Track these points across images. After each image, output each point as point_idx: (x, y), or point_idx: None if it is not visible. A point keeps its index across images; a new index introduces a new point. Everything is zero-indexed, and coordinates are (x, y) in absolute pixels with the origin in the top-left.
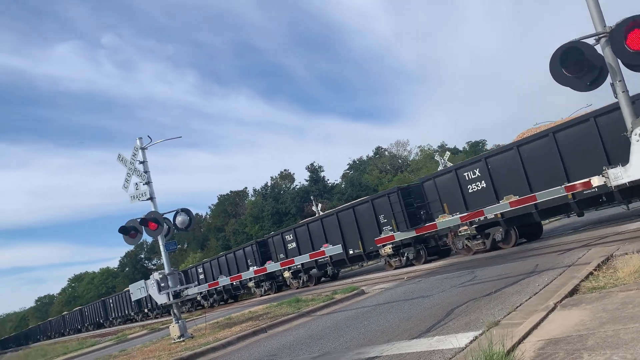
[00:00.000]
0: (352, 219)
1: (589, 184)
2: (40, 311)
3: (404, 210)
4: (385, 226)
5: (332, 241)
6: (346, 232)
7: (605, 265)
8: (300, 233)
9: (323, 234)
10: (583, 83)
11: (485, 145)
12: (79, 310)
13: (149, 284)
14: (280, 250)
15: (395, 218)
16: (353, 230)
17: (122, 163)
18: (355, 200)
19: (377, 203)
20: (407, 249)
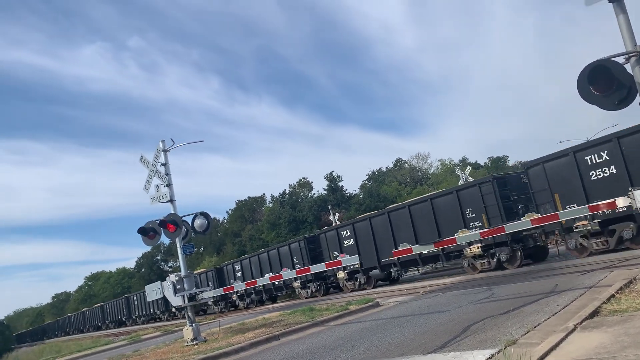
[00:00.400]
0: None
1: None
2: (56, 307)
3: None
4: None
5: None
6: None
7: (628, 288)
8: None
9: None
10: (611, 102)
11: (507, 161)
12: (99, 307)
13: (164, 286)
14: (334, 248)
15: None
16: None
17: (144, 165)
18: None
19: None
20: None
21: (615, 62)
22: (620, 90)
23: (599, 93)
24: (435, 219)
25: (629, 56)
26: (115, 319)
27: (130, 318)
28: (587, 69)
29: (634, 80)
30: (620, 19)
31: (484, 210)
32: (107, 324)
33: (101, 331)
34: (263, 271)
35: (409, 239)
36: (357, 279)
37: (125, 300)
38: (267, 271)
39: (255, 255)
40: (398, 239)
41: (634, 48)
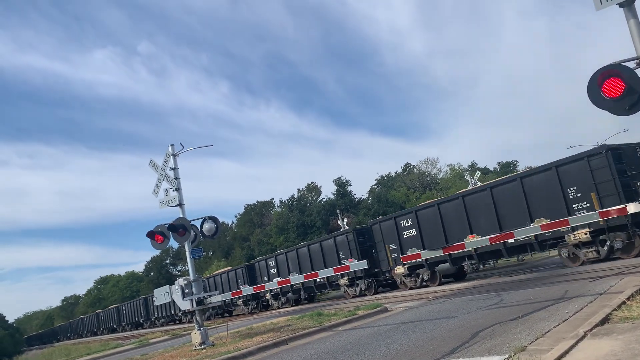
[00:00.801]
0: None
1: None
2: (65, 310)
3: None
4: None
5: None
6: None
7: (639, 294)
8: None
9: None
10: (622, 107)
11: (517, 166)
12: (115, 308)
13: (173, 290)
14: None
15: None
16: None
17: (154, 169)
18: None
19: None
20: None
21: (626, 67)
22: (631, 96)
23: (610, 98)
24: (527, 201)
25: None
26: (132, 320)
27: (149, 320)
28: (597, 73)
29: None
30: (631, 24)
31: (594, 188)
32: (123, 326)
33: (116, 334)
34: (302, 268)
35: (490, 226)
36: (419, 275)
37: (144, 301)
38: (307, 268)
39: (292, 250)
40: (475, 227)
41: None
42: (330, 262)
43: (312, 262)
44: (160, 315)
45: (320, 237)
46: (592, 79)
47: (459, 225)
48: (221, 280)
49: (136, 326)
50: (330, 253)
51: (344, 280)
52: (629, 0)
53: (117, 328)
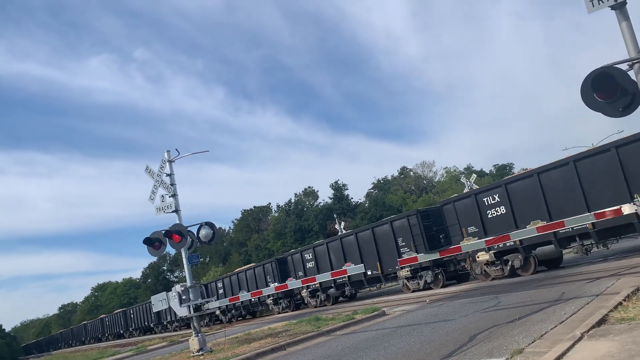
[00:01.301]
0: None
1: None
2: (63, 318)
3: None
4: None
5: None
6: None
7: (635, 295)
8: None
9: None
10: (615, 109)
11: (512, 169)
12: (122, 312)
13: (170, 296)
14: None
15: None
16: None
17: (150, 175)
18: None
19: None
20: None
21: (619, 69)
22: (624, 97)
23: (603, 100)
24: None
25: (632, 63)
26: (140, 325)
27: (160, 324)
28: (590, 76)
29: (637, 87)
30: (623, 26)
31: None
32: (131, 331)
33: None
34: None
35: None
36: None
37: None
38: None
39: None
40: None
41: (637, 55)
42: (386, 252)
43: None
44: (173, 318)
45: (372, 224)
46: (585, 81)
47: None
48: (246, 278)
49: (145, 331)
50: (385, 242)
51: (404, 272)
52: (620, 3)
53: (123, 333)
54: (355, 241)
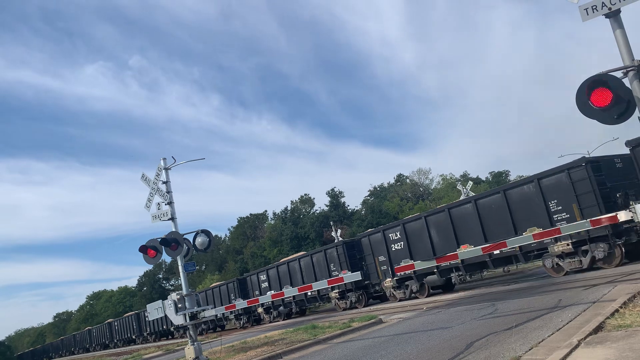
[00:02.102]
0: None
1: None
2: (57, 327)
3: None
4: None
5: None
6: None
7: (632, 302)
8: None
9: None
10: (610, 116)
11: (508, 176)
12: (134, 315)
13: (166, 305)
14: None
15: None
16: None
17: (146, 183)
18: None
19: None
20: None
21: (614, 77)
22: (619, 105)
23: (598, 107)
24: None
25: (626, 70)
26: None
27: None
28: (585, 83)
29: (632, 94)
30: (617, 34)
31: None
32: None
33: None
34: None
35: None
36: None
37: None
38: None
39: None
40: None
41: (632, 62)
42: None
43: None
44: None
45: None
46: (581, 88)
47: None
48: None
49: (160, 336)
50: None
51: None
52: (614, 12)
53: (135, 339)
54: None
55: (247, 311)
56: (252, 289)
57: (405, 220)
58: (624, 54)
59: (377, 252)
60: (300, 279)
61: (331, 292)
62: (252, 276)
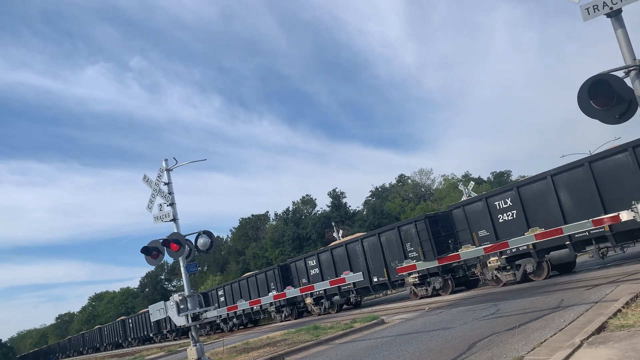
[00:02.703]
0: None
1: None
2: (60, 329)
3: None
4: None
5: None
6: (370, 260)
7: (635, 302)
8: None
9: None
10: (612, 116)
11: (510, 176)
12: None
13: (168, 306)
14: (303, 276)
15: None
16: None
17: (148, 184)
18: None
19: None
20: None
21: (615, 76)
22: (621, 104)
23: (600, 107)
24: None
25: (628, 70)
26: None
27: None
28: (587, 83)
29: (634, 94)
30: (619, 33)
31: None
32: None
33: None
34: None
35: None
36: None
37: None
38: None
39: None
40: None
41: (633, 62)
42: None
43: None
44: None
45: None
46: (582, 88)
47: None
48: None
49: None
50: (262, 285)
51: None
52: (616, 11)
53: (153, 337)
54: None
55: (290, 302)
56: (298, 277)
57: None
58: (625, 53)
59: (476, 227)
60: (364, 263)
61: (408, 277)
62: (298, 262)
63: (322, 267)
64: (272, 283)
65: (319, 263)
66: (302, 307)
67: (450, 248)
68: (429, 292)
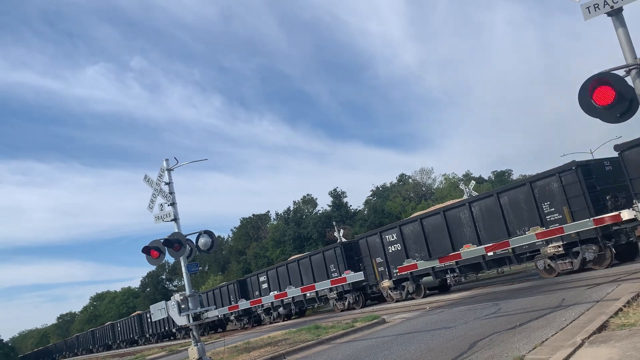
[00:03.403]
0: None
1: None
2: (61, 329)
3: None
4: None
5: None
6: None
7: (636, 301)
8: None
9: None
10: (613, 115)
11: (511, 175)
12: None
13: (169, 305)
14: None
15: None
16: None
17: (148, 184)
18: None
19: None
20: None
21: (616, 75)
22: (622, 103)
23: (601, 106)
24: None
25: (629, 69)
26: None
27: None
28: (588, 82)
29: (635, 93)
30: (620, 32)
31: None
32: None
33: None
34: (293, 282)
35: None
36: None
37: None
38: (297, 282)
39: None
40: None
41: (634, 61)
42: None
43: (301, 276)
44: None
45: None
46: (583, 87)
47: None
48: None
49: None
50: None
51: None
52: (616, 10)
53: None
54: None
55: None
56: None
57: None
58: (626, 52)
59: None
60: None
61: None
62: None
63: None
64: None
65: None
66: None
67: None
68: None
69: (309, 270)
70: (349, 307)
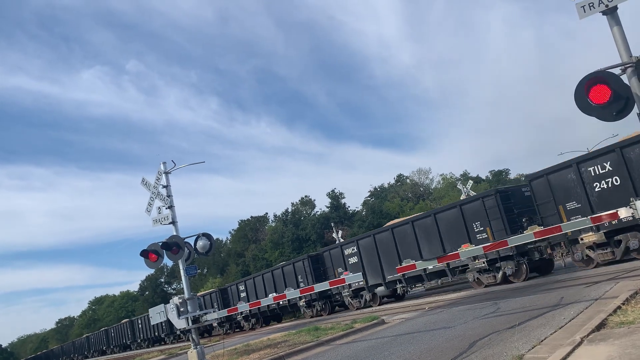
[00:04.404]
0: None
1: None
2: (60, 333)
3: None
4: None
5: None
6: None
7: (634, 299)
8: None
9: None
10: (609, 113)
11: (508, 175)
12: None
13: (168, 309)
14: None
15: None
16: None
17: (146, 187)
18: None
19: None
20: None
21: (612, 74)
22: (618, 102)
23: (597, 104)
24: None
25: (625, 67)
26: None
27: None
28: (584, 80)
29: (630, 91)
30: (615, 31)
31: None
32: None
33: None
34: (268, 291)
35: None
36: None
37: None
38: (271, 291)
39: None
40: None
41: (629, 59)
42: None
43: (275, 285)
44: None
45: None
46: (579, 86)
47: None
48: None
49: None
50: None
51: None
52: (611, 9)
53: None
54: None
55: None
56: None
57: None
58: (621, 50)
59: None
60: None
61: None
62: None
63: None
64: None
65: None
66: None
67: None
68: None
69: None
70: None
